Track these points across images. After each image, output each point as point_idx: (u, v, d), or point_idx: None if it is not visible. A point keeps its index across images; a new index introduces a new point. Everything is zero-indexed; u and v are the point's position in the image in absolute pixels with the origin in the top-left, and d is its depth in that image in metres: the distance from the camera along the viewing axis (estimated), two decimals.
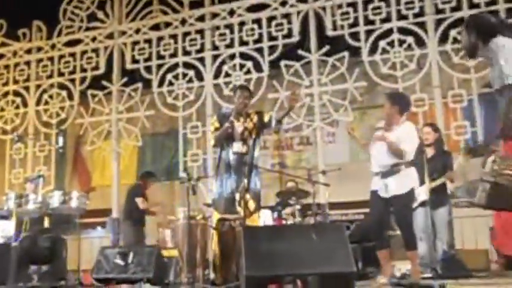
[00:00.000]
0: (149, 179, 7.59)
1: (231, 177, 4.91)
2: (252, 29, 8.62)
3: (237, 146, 4.92)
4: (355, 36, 8.07)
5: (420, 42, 7.75)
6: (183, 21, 9.08)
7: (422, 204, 5.75)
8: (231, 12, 8.83)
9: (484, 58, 3.47)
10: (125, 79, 9.25)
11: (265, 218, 6.05)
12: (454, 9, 7.61)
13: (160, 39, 9.12)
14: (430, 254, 5.64)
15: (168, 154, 10.10)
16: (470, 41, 3.39)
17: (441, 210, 5.79)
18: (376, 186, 4.99)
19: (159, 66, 9.01)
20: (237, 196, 4.80)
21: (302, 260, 3.35)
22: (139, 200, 7.25)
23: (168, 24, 9.18)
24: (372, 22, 8.02)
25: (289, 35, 8.42)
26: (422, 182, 5.73)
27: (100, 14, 9.54)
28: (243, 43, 8.67)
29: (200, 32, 8.96)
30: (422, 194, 5.73)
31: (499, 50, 3.12)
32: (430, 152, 5.88)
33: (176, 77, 8.88)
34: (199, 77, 8.80)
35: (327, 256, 3.33)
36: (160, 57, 9.06)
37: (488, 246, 7.00)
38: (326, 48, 8.18)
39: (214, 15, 8.96)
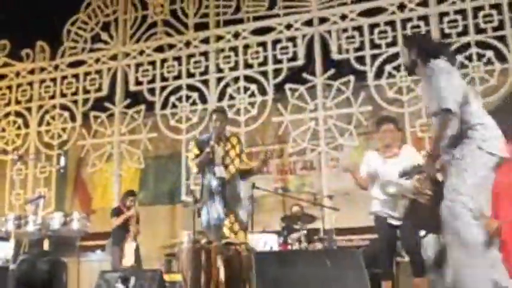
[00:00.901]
0: (127, 198, 7.38)
1: (215, 203, 4.80)
2: (257, 52, 8.59)
3: (220, 171, 4.82)
4: (360, 60, 8.04)
5: None
6: (188, 43, 9.06)
7: None
8: (236, 35, 8.81)
9: (421, 77, 3.57)
10: (128, 101, 9.17)
11: (271, 243, 5.93)
12: (461, 34, 7.58)
13: (164, 61, 9.08)
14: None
15: (171, 177, 9.96)
16: (410, 58, 3.51)
17: None
18: (381, 211, 4.85)
19: (163, 89, 8.95)
20: (226, 221, 4.73)
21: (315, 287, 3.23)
22: (113, 220, 7.13)
23: (172, 46, 9.15)
24: (378, 46, 7.99)
25: (294, 58, 8.38)
26: None
27: (104, 36, 9.53)
28: (247, 66, 8.62)
29: (204, 54, 8.92)
30: None
31: (440, 73, 3.20)
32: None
33: (180, 99, 8.81)
34: (203, 99, 8.73)
35: (342, 284, 3.21)
36: (164, 79, 9.00)
37: None
38: (331, 71, 8.12)
39: (219, 38, 8.94)
